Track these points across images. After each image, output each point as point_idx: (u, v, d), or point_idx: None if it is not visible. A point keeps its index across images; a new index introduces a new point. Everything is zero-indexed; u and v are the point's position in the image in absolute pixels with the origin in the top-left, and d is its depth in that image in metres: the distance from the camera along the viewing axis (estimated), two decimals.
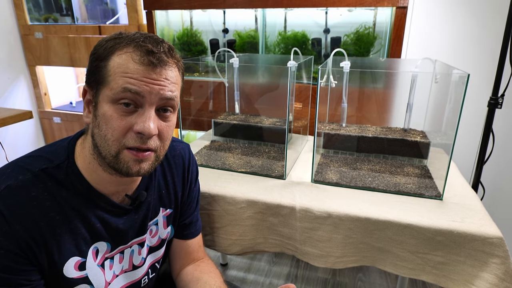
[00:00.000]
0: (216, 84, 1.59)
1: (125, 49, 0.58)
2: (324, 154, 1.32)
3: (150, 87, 0.58)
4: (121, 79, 0.57)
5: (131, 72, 0.57)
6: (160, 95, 0.59)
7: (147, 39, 0.60)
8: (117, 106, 0.58)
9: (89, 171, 0.64)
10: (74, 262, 0.64)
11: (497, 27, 1.52)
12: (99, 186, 0.65)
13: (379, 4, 1.43)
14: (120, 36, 0.61)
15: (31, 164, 0.62)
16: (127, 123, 0.59)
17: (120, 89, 0.57)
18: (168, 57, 0.60)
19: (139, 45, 0.58)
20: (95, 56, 0.60)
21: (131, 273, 0.75)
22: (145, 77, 0.58)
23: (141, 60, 0.58)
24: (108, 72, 0.58)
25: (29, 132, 2.30)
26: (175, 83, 0.62)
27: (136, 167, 0.61)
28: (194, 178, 0.88)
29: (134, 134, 0.59)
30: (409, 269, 0.91)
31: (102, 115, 0.59)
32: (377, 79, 1.51)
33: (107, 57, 0.59)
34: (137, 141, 0.59)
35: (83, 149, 0.65)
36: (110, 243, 0.69)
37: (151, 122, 0.59)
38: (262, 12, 1.72)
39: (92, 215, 0.65)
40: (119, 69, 0.58)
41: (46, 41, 2.13)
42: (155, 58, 0.58)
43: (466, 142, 1.65)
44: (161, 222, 0.80)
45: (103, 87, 0.59)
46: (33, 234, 0.58)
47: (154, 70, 0.58)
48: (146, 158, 0.61)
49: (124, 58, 0.58)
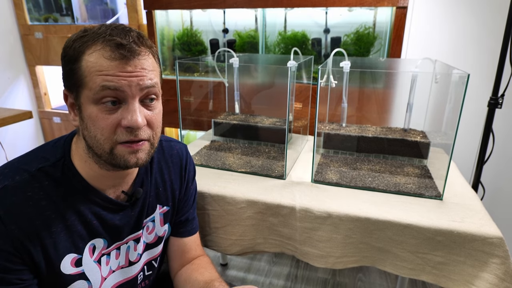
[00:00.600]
0: (216, 84, 1.59)
1: (93, 46, 0.57)
2: (324, 154, 1.32)
3: (128, 80, 0.58)
4: (97, 78, 0.57)
5: (105, 69, 0.57)
6: (140, 85, 0.59)
7: (113, 31, 0.58)
8: (101, 106, 0.58)
9: (85, 168, 0.65)
10: (70, 259, 0.65)
11: (497, 27, 1.52)
12: (95, 182, 0.66)
13: (379, 4, 1.43)
14: (85, 34, 0.59)
15: (27, 164, 0.63)
16: (114, 120, 0.59)
17: (98, 88, 0.57)
18: (139, 45, 0.59)
19: (107, 40, 0.57)
20: (66, 59, 0.60)
21: (127, 269, 0.76)
22: (120, 71, 0.57)
23: (112, 56, 0.57)
24: (83, 73, 0.58)
25: (29, 132, 2.30)
26: (153, 70, 0.62)
27: (133, 158, 0.62)
28: (191, 177, 0.89)
29: (123, 129, 0.59)
30: (409, 269, 0.91)
31: (88, 117, 0.59)
32: (377, 79, 1.51)
33: (78, 58, 0.58)
34: (128, 135, 0.60)
35: (78, 148, 0.66)
36: (107, 240, 0.70)
37: (137, 115, 0.59)
38: (262, 12, 1.72)
39: (89, 212, 0.66)
40: (93, 68, 0.57)
41: (46, 41, 2.13)
42: (126, 51, 0.57)
43: (466, 142, 1.65)
44: (157, 219, 0.80)
45: (82, 89, 0.58)
46: (29, 233, 0.59)
47: (128, 63, 0.58)
48: (140, 148, 0.62)
49: (95, 56, 0.57)
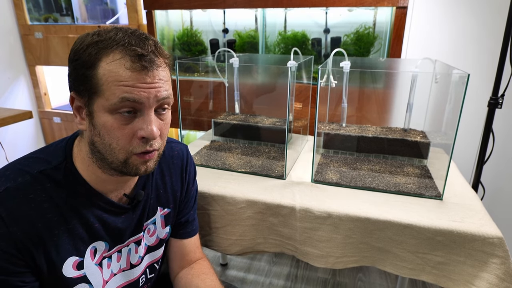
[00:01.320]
0: (216, 84, 1.59)
1: (112, 55, 0.56)
2: (324, 154, 1.32)
3: (147, 92, 0.58)
4: (117, 89, 0.56)
5: (125, 80, 0.56)
6: (157, 97, 0.59)
7: (131, 38, 0.58)
8: (117, 115, 0.58)
9: (87, 172, 0.65)
10: (72, 262, 0.64)
11: (497, 27, 1.52)
12: (97, 185, 0.66)
13: (379, 4, 1.43)
14: (101, 38, 0.58)
15: (29, 166, 0.62)
16: (130, 130, 0.59)
17: (117, 99, 0.56)
18: (157, 56, 0.59)
19: (126, 49, 0.57)
20: (79, 63, 0.58)
21: (128, 271, 0.75)
22: (140, 82, 0.57)
23: (133, 66, 0.56)
24: (99, 81, 0.57)
25: (29, 132, 2.30)
26: (168, 80, 0.62)
27: (143, 167, 0.63)
28: (192, 178, 0.88)
29: (138, 139, 0.60)
30: (409, 269, 0.91)
31: (102, 125, 0.58)
32: (377, 79, 1.51)
33: (94, 64, 0.57)
34: (143, 146, 0.61)
35: (80, 151, 0.65)
36: (108, 243, 0.70)
37: (154, 126, 0.60)
38: (262, 12, 1.72)
39: (91, 215, 0.66)
40: (111, 77, 0.56)
41: (46, 41, 2.13)
42: (146, 62, 0.57)
43: (466, 142, 1.65)
44: (159, 222, 0.80)
45: (96, 97, 0.58)
46: (31, 235, 0.59)
47: (147, 74, 0.57)
48: (152, 158, 0.64)
49: (115, 65, 0.56)
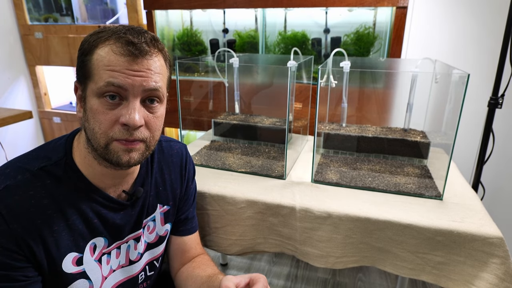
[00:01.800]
0: (216, 84, 1.59)
1: (107, 41, 0.59)
2: (324, 154, 1.32)
3: (132, 79, 0.58)
4: (104, 73, 0.58)
5: (113, 64, 0.58)
6: (143, 86, 0.60)
7: (128, 31, 0.60)
8: (102, 100, 0.59)
9: (85, 165, 0.65)
10: (72, 258, 0.65)
11: (497, 27, 1.52)
12: (96, 180, 0.67)
13: (379, 4, 1.43)
14: (103, 30, 0.61)
15: (29, 164, 0.63)
16: (113, 116, 0.59)
17: (103, 83, 0.58)
18: (150, 46, 0.60)
19: (120, 37, 0.59)
20: (81, 51, 0.61)
21: (127, 268, 0.76)
22: (127, 68, 0.58)
23: (121, 51, 0.58)
24: (92, 65, 0.59)
25: (29, 132, 2.30)
26: (159, 73, 0.62)
27: (125, 157, 0.62)
28: (191, 177, 0.89)
29: (120, 126, 0.60)
30: (409, 269, 0.91)
31: (89, 109, 0.60)
32: (377, 79, 1.51)
33: (91, 51, 0.59)
34: (124, 134, 0.60)
35: (79, 144, 0.66)
36: (108, 239, 0.70)
37: (135, 114, 0.59)
38: (262, 12, 1.72)
39: (90, 211, 0.66)
40: (102, 62, 0.58)
41: (46, 41, 2.13)
42: (135, 49, 0.58)
43: (466, 142, 1.65)
44: (158, 219, 0.80)
45: (89, 81, 0.60)
46: (31, 232, 0.59)
47: (135, 61, 0.58)
48: (135, 148, 0.62)
49: (106, 50, 0.58)
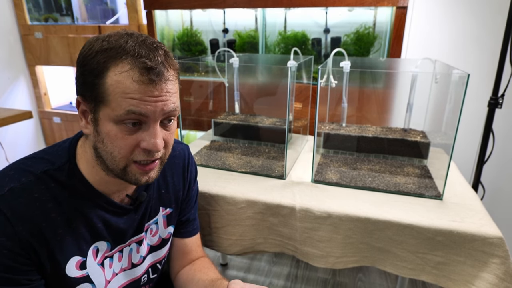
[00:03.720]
0: (216, 84, 1.59)
1: (121, 65, 0.55)
2: (324, 154, 1.32)
3: (153, 105, 0.57)
4: (123, 101, 0.55)
5: (132, 92, 0.55)
6: (164, 111, 0.59)
7: (141, 48, 0.56)
8: (122, 126, 0.58)
9: (91, 173, 0.65)
10: (75, 262, 0.64)
11: (497, 27, 1.52)
12: (100, 186, 0.66)
13: (379, 4, 1.43)
14: (110, 46, 0.56)
15: (33, 166, 0.62)
16: (133, 141, 0.59)
17: (123, 111, 0.56)
18: (166, 68, 0.58)
19: (136, 60, 0.55)
20: (86, 69, 0.57)
21: (130, 271, 0.75)
22: (147, 96, 0.56)
23: (141, 79, 0.55)
24: (106, 91, 0.56)
25: (29, 132, 2.30)
26: (175, 92, 0.61)
27: (144, 177, 0.63)
28: (193, 178, 0.89)
29: (141, 150, 0.60)
30: (409, 269, 0.91)
31: (106, 133, 0.58)
32: (377, 79, 1.51)
33: (102, 73, 0.56)
34: (145, 156, 0.60)
35: (85, 152, 0.65)
36: (110, 243, 0.70)
37: (157, 139, 0.59)
38: (262, 12, 1.72)
39: (94, 215, 0.66)
40: (119, 89, 0.55)
41: (46, 41, 2.12)
42: (155, 75, 0.56)
43: (466, 142, 1.65)
44: (161, 222, 0.80)
45: (103, 106, 0.57)
46: (35, 234, 0.59)
47: (155, 87, 0.57)
48: (153, 168, 0.63)
49: (122, 77, 0.55)
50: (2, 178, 0.61)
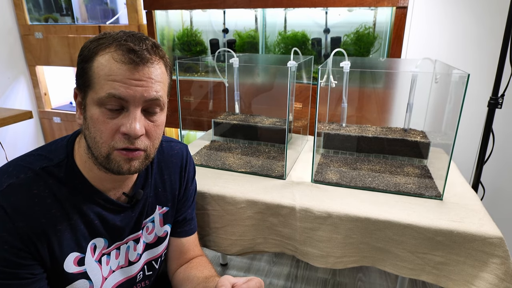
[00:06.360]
0: (216, 84, 1.59)
1: (107, 49, 0.58)
2: (324, 154, 1.32)
3: (133, 89, 0.58)
4: (105, 83, 0.57)
5: (114, 73, 0.57)
6: (144, 97, 0.59)
7: (129, 37, 0.59)
8: (103, 109, 0.59)
9: (86, 169, 0.66)
10: (73, 258, 0.65)
11: (497, 27, 1.52)
12: (96, 183, 0.67)
13: (379, 4, 1.43)
14: (103, 36, 0.60)
15: (31, 163, 0.63)
16: (114, 125, 0.59)
17: (104, 94, 0.57)
18: (151, 54, 0.60)
19: (121, 44, 0.58)
20: (80, 58, 0.60)
21: (127, 268, 0.76)
22: (128, 78, 0.57)
23: (122, 59, 0.57)
24: (92, 74, 0.58)
25: (29, 132, 2.30)
26: (160, 81, 0.62)
27: (126, 165, 0.62)
28: (191, 178, 0.89)
29: (121, 135, 0.60)
30: (409, 269, 0.91)
31: (90, 117, 0.60)
32: (377, 79, 1.51)
33: (91, 58, 0.59)
34: (125, 142, 0.60)
35: (80, 148, 0.66)
36: (107, 239, 0.70)
37: (136, 124, 0.59)
38: (262, 12, 1.72)
39: (91, 212, 0.67)
40: (103, 71, 0.57)
41: (46, 41, 2.13)
42: (136, 56, 0.58)
43: (466, 142, 1.65)
44: (157, 220, 0.81)
45: (89, 90, 0.59)
46: (36, 230, 0.60)
47: (136, 69, 0.58)
48: (135, 156, 0.62)
49: (106, 58, 0.58)
50: (1, 174, 0.61)
